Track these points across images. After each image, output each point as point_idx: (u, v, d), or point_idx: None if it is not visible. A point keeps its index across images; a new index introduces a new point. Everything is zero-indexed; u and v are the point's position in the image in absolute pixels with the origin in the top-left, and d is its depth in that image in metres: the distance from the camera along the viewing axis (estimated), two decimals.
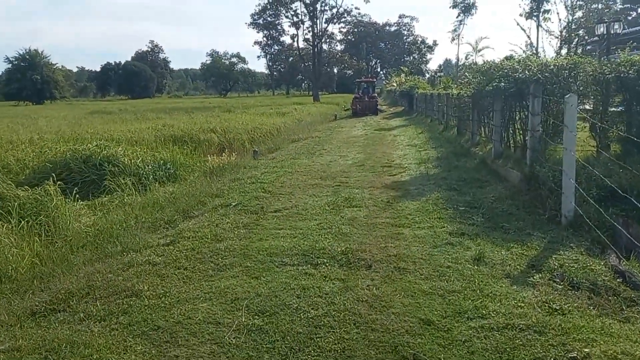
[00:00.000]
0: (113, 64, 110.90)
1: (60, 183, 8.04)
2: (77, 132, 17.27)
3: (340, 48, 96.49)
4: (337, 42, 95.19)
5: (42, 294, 4.56)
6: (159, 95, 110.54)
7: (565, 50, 31.13)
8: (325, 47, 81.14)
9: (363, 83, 38.49)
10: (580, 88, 7.95)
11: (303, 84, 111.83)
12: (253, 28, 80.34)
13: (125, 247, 5.73)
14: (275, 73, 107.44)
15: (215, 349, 3.41)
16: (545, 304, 3.80)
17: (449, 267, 4.64)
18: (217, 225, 6.33)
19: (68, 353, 3.38)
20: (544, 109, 8.05)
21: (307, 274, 4.58)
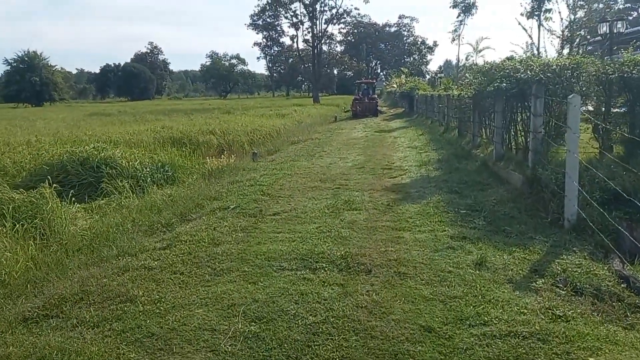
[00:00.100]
0: (112, 66, 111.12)
1: (57, 185, 7.99)
2: (75, 134, 17.25)
3: (340, 49, 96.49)
4: (336, 43, 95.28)
5: (35, 299, 4.48)
6: (159, 97, 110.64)
7: (567, 50, 31.00)
8: (325, 48, 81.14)
9: (363, 84, 38.42)
10: (583, 88, 7.86)
11: (303, 86, 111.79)
12: (252, 29, 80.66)
13: (121, 250, 5.65)
14: (275, 74, 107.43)
15: (211, 357, 3.33)
16: (549, 311, 3.72)
17: (450, 271, 4.55)
18: (214, 229, 6.24)
19: None
20: (546, 110, 7.95)
21: (305, 279, 4.50)
